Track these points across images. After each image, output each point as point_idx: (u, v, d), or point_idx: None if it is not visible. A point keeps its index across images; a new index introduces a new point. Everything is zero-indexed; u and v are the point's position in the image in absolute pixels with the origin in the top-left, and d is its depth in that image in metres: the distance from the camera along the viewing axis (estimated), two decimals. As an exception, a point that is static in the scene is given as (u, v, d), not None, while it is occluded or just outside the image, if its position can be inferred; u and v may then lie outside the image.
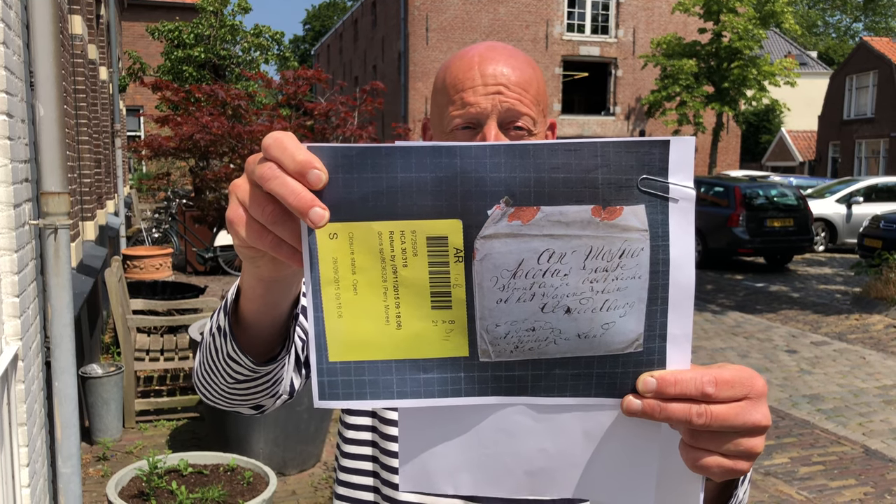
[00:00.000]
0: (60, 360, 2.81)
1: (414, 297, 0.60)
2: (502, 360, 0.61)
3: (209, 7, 14.40)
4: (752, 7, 24.92)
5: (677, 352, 0.61)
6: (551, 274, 0.59)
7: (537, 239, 0.58)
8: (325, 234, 0.58)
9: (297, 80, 5.79)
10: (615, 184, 0.58)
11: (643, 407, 0.60)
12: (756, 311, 9.60)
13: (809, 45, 51.18)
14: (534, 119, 0.98)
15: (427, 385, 0.62)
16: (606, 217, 0.58)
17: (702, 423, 0.58)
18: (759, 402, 0.61)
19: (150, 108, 19.26)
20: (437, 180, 0.57)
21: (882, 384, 6.39)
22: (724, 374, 0.60)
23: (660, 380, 0.59)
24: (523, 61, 1.00)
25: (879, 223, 12.31)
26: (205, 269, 10.92)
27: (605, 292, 0.59)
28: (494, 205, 0.58)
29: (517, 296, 0.60)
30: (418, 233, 0.58)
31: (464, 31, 27.82)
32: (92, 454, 4.40)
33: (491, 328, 0.60)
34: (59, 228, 2.75)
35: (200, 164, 6.10)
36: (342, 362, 0.61)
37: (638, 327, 0.61)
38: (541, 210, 0.58)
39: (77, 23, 6.39)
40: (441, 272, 0.59)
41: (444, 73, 1.01)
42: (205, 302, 5.89)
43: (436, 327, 0.61)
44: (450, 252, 0.59)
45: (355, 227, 0.58)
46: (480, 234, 0.58)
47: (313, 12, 64.09)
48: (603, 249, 0.58)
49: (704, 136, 28.41)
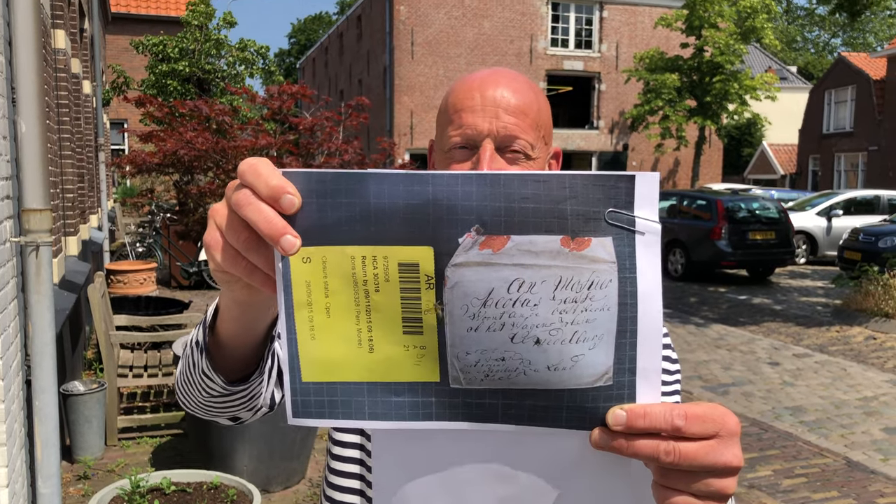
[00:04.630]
0: (41, 379, 2.79)
1: (386, 322, 0.61)
2: (473, 387, 0.62)
3: (194, 21, 14.39)
4: (733, 23, 25.28)
5: (647, 385, 0.61)
6: (521, 304, 0.59)
7: (507, 268, 0.58)
8: (298, 257, 0.59)
9: (282, 96, 5.79)
10: (583, 215, 0.58)
11: (611, 441, 0.59)
12: (739, 324, 9.67)
13: (789, 59, 51.87)
14: (531, 144, 0.98)
15: (398, 408, 0.62)
16: (575, 247, 0.58)
17: (670, 460, 0.58)
18: (731, 441, 0.59)
19: (134, 122, 19.16)
20: (410, 207, 0.58)
21: (863, 395, 6.45)
22: (696, 409, 0.59)
23: (629, 412, 0.59)
24: (525, 86, 1.01)
25: (858, 236, 12.47)
26: (189, 284, 10.85)
27: (575, 324, 0.60)
28: (465, 233, 0.58)
29: (487, 325, 0.60)
30: (390, 259, 0.59)
31: (449, 45, 27.97)
32: (73, 473, 4.35)
33: (461, 356, 0.61)
34: (40, 245, 2.74)
35: (185, 178, 6.08)
36: (315, 383, 0.62)
37: (607, 360, 0.61)
38: (511, 239, 0.58)
39: (60, 37, 6.37)
40: (412, 298, 0.60)
41: (448, 95, 1.03)
42: (189, 317, 5.85)
43: (407, 352, 0.61)
44: (421, 279, 0.59)
45: (328, 252, 0.59)
46: (451, 261, 0.59)
47: (299, 26, 64.18)
48: (572, 280, 0.59)
49: (687, 150, 28.68)
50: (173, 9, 22.98)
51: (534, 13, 28.96)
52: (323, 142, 5.95)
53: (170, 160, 5.35)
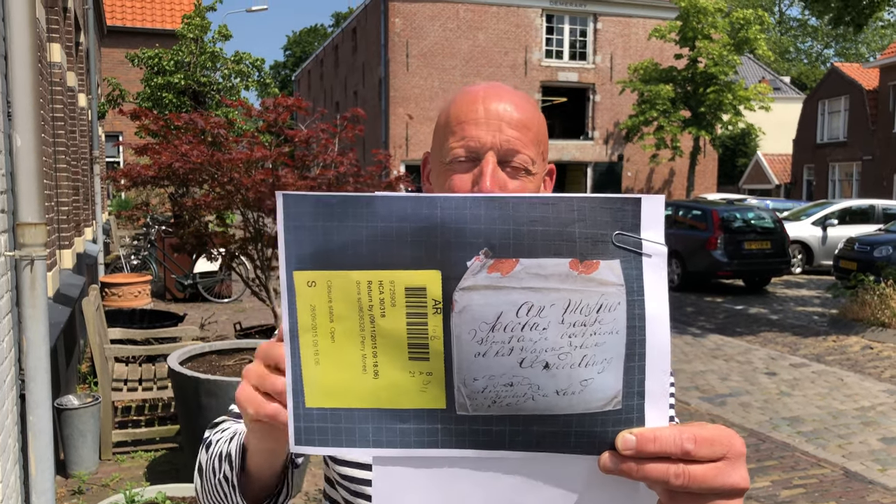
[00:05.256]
0: (35, 394, 2.77)
1: (391, 348, 0.60)
2: (480, 414, 0.61)
3: (189, 34, 14.42)
4: (727, 34, 25.44)
5: (655, 409, 0.61)
6: (530, 328, 0.59)
7: (516, 291, 0.58)
8: (303, 281, 0.59)
9: (278, 108, 5.79)
10: (591, 238, 0.58)
11: (621, 465, 0.59)
12: (736, 334, 9.67)
13: (782, 70, 52.18)
14: (532, 159, 0.98)
15: (404, 435, 0.61)
16: (584, 271, 0.58)
17: (679, 483, 0.58)
18: (738, 462, 0.60)
19: (129, 135, 19.17)
20: (417, 230, 0.57)
21: (860, 405, 6.44)
22: (704, 432, 0.59)
23: (639, 437, 0.59)
24: (526, 102, 1.01)
25: (854, 245, 12.49)
26: (184, 296, 10.82)
27: (584, 347, 0.59)
28: (474, 256, 0.58)
29: (495, 349, 0.59)
30: (396, 283, 0.58)
31: (444, 57, 28.08)
32: (67, 488, 4.32)
33: (469, 382, 0.60)
34: (35, 259, 2.72)
35: (180, 191, 6.07)
36: (319, 409, 0.61)
37: (616, 384, 0.60)
38: (520, 262, 0.58)
39: (56, 51, 6.37)
40: (419, 323, 0.59)
41: (449, 107, 1.02)
42: (184, 330, 5.83)
43: (413, 378, 0.60)
44: (428, 303, 0.59)
45: (334, 276, 0.58)
46: (459, 285, 0.58)
47: (294, 38, 64.38)
48: (581, 303, 0.58)
49: (682, 160, 28.78)
50: (169, 22, 23.04)
51: (528, 25, 29.11)
52: (318, 154, 5.94)
53: (165, 173, 5.34)
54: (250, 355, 4.84)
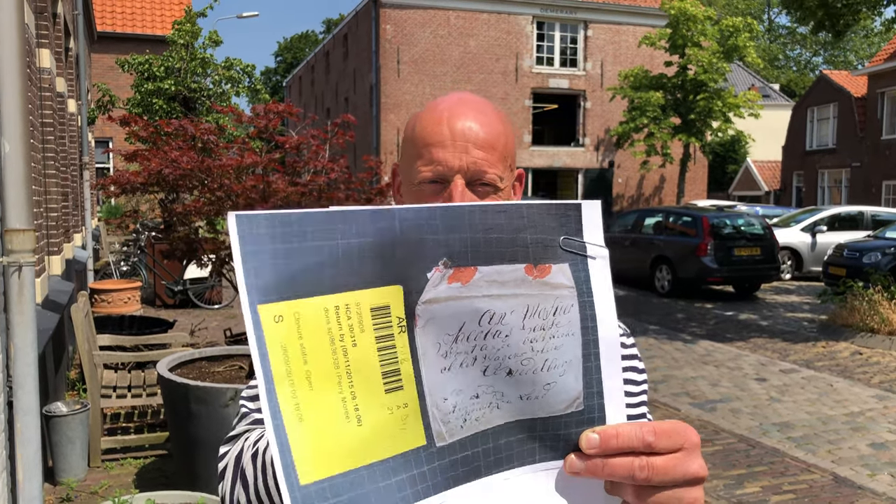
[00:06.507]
0: (23, 401, 2.75)
1: (368, 382, 0.56)
2: (456, 439, 0.59)
3: (180, 40, 14.40)
4: (716, 41, 25.59)
5: (614, 406, 0.63)
6: (493, 335, 0.59)
7: (477, 300, 0.58)
8: (270, 317, 0.53)
9: (268, 114, 5.79)
10: (542, 243, 0.61)
11: (587, 465, 0.61)
12: (726, 340, 9.71)
13: (772, 77, 52.55)
14: (500, 175, 1.00)
15: (400, 489, 0.56)
16: (538, 275, 0.60)
17: (644, 476, 0.60)
18: (695, 452, 0.63)
19: (119, 140, 19.10)
20: (378, 245, 0.56)
21: (849, 411, 6.47)
22: (662, 424, 0.62)
23: (602, 434, 0.61)
24: (492, 116, 1.01)
25: (843, 251, 12.57)
26: (174, 303, 10.78)
27: (545, 351, 0.61)
28: (434, 267, 0.57)
29: (460, 360, 0.59)
30: (362, 304, 0.56)
31: (435, 63, 28.13)
32: (55, 495, 4.28)
33: (440, 403, 0.59)
34: (23, 266, 2.71)
35: (170, 197, 6.06)
36: (316, 483, 0.53)
37: (577, 385, 0.62)
38: (478, 270, 0.58)
39: (45, 56, 6.35)
40: (388, 346, 0.57)
41: (415, 123, 1.02)
42: (173, 337, 5.80)
43: (392, 416, 0.57)
44: (393, 322, 0.57)
45: (301, 306, 0.54)
46: (421, 298, 0.57)
47: (285, 44, 64.35)
48: (539, 307, 0.60)
49: (672, 167, 28.91)
50: (159, 27, 22.99)
51: (519, 32, 29.20)
52: (309, 160, 5.94)
53: (154, 179, 5.32)
54: (241, 362, 4.82)
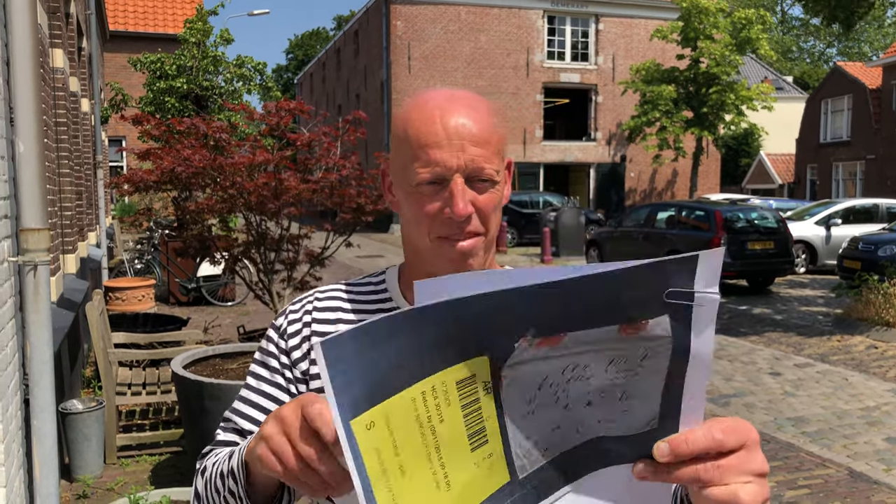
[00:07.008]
0: (39, 398, 2.78)
1: (455, 450, 0.58)
2: (537, 466, 0.62)
3: (191, 38, 14.44)
4: (728, 34, 25.40)
5: (689, 416, 0.63)
6: (575, 380, 0.60)
7: (564, 358, 0.59)
8: (362, 428, 0.54)
9: (280, 111, 5.80)
10: (640, 300, 0.58)
11: (654, 471, 0.62)
12: (740, 334, 9.65)
13: (785, 70, 52.09)
14: (497, 169, 0.99)
15: None
16: (632, 332, 0.58)
17: (709, 477, 0.61)
18: (756, 448, 0.64)
19: (132, 139, 19.22)
20: (462, 328, 0.56)
21: (865, 405, 6.43)
22: (726, 421, 0.63)
23: (672, 442, 0.61)
24: (484, 111, 1.00)
25: (858, 245, 12.45)
26: (188, 300, 10.84)
27: (625, 385, 0.61)
28: (521, 338, 0.57)
29: (543, 403, 0.60)
30: (448, 382, 0.57)
31: (445, 59, 28.09)
32: (71, 492, 4.32)
33: (522, 442, 0.61)
34: (38, 265, 2.73)
35: (183, 195, 6.09)
36: None
37: (654, 408, 0.62)
38: (567, 335, 0.58)
39: (58, 56, 6.39)
40: (473, 410, 0.58)
41: (405, 122, 0.99)
42: (187, 334, 5.84)
43: (479, 468, 0.59)
44: (479, 387, 0.58)
45: (390, 405, 0.55)
46: (507, 363, 0.58)
47: (296, 42, 64.45)
48: (626, 357, 0.60)
49: (685, 160, 28.75)
50: (171, 26, 23.10)
51: (530, 26, 29.11)
52: (321, 157, 5.95)
53: (167, 177, 5.35)
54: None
